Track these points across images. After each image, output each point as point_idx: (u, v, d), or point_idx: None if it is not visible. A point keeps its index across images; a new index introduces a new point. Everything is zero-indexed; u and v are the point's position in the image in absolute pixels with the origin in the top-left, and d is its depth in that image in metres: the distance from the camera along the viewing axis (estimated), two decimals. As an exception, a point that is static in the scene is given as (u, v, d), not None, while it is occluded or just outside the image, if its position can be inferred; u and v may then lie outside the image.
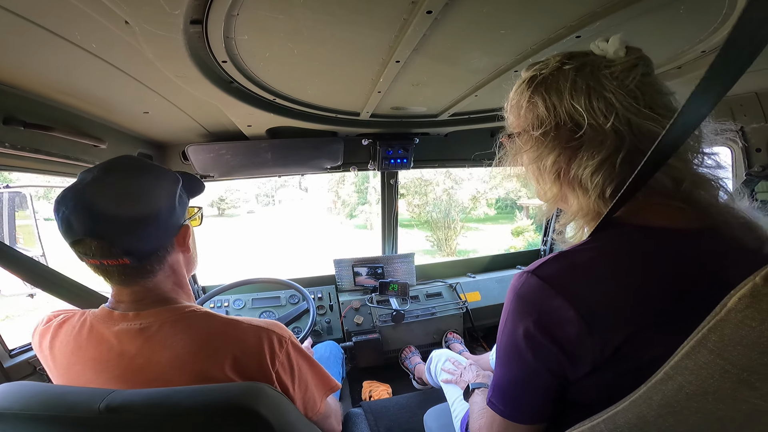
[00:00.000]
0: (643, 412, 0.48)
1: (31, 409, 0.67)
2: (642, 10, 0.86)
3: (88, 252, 0.73)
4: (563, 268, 0.60)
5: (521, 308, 0.61)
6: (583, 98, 0.62)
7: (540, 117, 0.67)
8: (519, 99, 0.72)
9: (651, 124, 0.60)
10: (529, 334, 0.59)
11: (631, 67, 0.63)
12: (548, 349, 0.58)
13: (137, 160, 0.83)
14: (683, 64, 1.24)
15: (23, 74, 1.03)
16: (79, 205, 0.71)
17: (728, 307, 0.37)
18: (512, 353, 0.64)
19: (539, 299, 0.58)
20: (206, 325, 0.78)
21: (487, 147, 0.84)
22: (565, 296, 0.56)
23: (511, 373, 0.65)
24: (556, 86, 0.65)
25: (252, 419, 0.63)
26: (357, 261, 2.55)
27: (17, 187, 1.65)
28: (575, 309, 0.55)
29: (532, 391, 0.64)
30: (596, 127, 0.62)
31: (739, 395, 0.40)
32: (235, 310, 2.34)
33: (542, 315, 0.58)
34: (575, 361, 0.57)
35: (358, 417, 1.39)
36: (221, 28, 0.85)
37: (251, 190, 36.68)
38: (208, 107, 1.44)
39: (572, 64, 0.66)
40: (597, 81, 0.63)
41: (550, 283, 0.58)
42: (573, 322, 0.55)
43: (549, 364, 0.60)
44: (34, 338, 0.84)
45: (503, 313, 0.66)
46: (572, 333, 0.55)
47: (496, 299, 2.64)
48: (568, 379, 0.60)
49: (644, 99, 0.61)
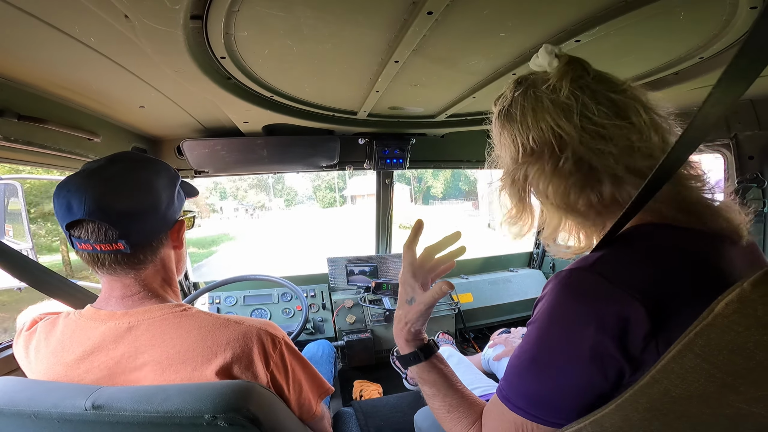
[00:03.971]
0: (629, 416, 0.49)
1: (16, 405, 0.66)
2: (642, 16, 0.87)
3: (83, 235, 0.73)
4: (623, 263, 0.57)
5: (580, 309, 0.56)
6: (529, 119, 0.68)
7: (507, 146, 0.73)
8: (496, 134, 0.77)
9: (585, 135, 0.64)
10: (587, 336, 0.54)
11: (561, 77, 0.67)
12: (610, 355, 0.53)
13: (141, 155, 0.87)
14: (680, 71, 1.26)
15: (19, 66, 1.02)
16: (81, 188, 0.73)
17: (715, 312, 0.38)
18: (561, 359, 0.57)
19: (602, 298, 0.54)
20: (197, 324, 0.76)
21: (483, 149, 0.87)
22: (634, 293, 0.52)
23: (556, 381, 0.58)
24: (512, 116, 0.71)
25: (242, 418, 0.63)
26: (351, 260, 2.55)
27: (8, 178, 1.63)
28: (644, 306, 0.51)
29: (576, 398, 0.57)
30: (542, 142, 0.67)
31: (724, 399, 0.40)
32: (227, 307, 2.33)
33: (607, 316, 0.53)
34: (638, 366, 0.53)
35: (348, 416, 1.39)
36: (221, 24, 0.85)
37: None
38: (204, 103, 1.44)
39: (520, 89, 0.71)
40: (538, 101, 0.68)
41: (612, 280, 0.54)
42: (640, 323, 0.51)
43: (607, 372, 0.54)
44: (18, 344, 0.83)
45: (546, 314, 0.59)
46: (639, 335, 0.51)
47: (488, 301, 2.65)
48: (623, 381, 0.55)
49: (578, 107, 0.64)
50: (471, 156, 2.44)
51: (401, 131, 2.11)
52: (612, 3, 0.85)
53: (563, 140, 0.65)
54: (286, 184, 53.80)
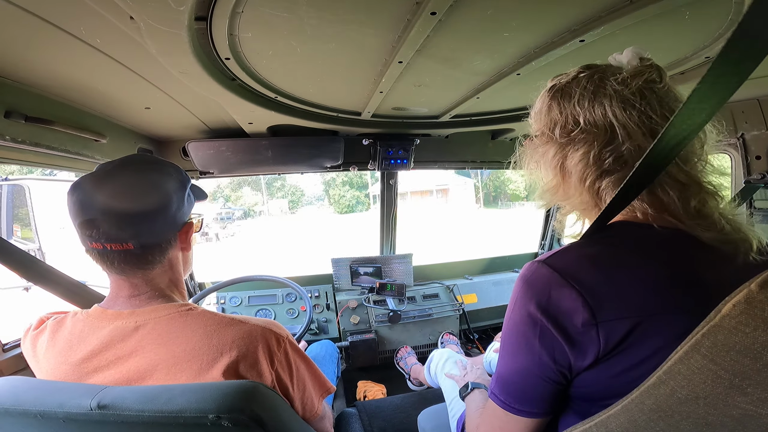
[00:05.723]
0: (635, 417, 0.48)
1: (22, 404, 0.66)
2: (647, 15, 0.87)
3: (95, 234, 0.75)
4: (572, 258, 0.62)
5: (529, 295, 0.62)
6: (587, 101, 0.68)
7: (553, 119, 0.73)
8: (540, 105, 0.77)
9: (641, 127, 0.65)
10: (536, 320, 0.60)
11: (636, 75, 0.68)
12: (554, 337, 0.59)
13: (154, 158, 0.89)
14: (686, 70, 1.25)
15: (26, 68, 1.03)
16: (95, 188, 0.75)
17: (722, 313, 0.38)
18: (518, 341, 0.65)
19: (548, 287, 0.60)
20: (203, 323, 0.77)
21: (487, 149, 0.88)
22: (574, 285, 0.58)
23: (516, 363, 0.66)
24: (569, 92, 0.71)
25: (246, 418, 0.63)
26: (355, 260, 2.55)
27: (16, 179, 1.65)
28: (582, 297, 0.57)
29: (535, 382, 0.64)
30: (592, 125, 0.68)
31: (731, 400, 0.40)
32: (232, 308, 2.34)
33: (550, 302, 0.59)
34: (580, 351, 0.58)
35: (352, 417, 1.39)
36: (225, 25, 0.86)
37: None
38: (209, 104, 1.45)
39: (586, 72, 0.72)
40: (602, 86, 0.68)
41: (560, 271, 0.60)
42: (579, 310, 0.56)
43: (554, 353, 0.60)
44: (26, 343, 0.84)
45: (510, 303, 0.67)
46: (578, 322, 0.57)
47: (492, 302, 2.64)
48: (572, 370, 0.61)
49: (641, 103, 0.65)
50: (476, 156, 2.43)
51: (405, 132, 2.11)
52: (617, 3, 0.85)
53: (614, 131, 0.66)
54: (288, 180, 40.17)
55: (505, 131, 2.25)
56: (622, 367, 0.56)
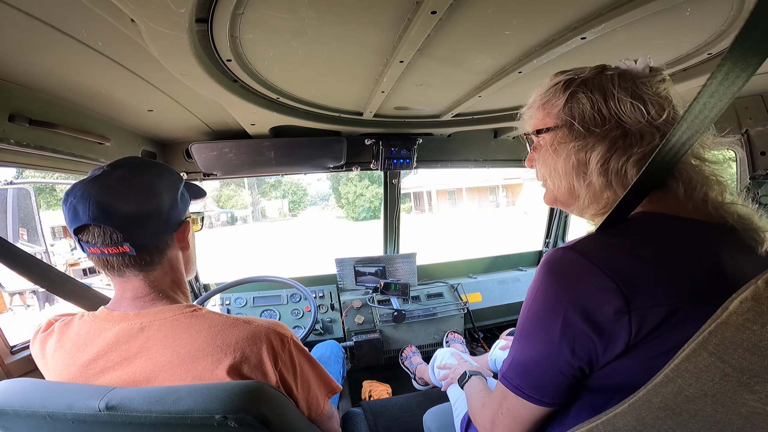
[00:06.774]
0: (642, 415, 0.48)
1: (31, 406, 0.67)
2: (648, 12, 0.86)
3: (91, 239, 0.76)
4: (602, 245, 0.61)
5: (555, 282, 0.61)
6: (629, 100, 0.69)
7: (584, 112, 0.72)
8: (552, 98, 0.76)
9: (649, 129, 0.68)
10: (560, 309, 0.59)
11: (661, 81, 0.72)
12: (577, 327, 0.58)
13: (143, 159, 0.88)
14: (689, 67, 1.24)
15: (30, 72, 1.04)
16: (86, 194, 0.75)
17: (730, 310, 0.38)
18: (537, 329, 0.63)
19: (576, 274, 0.58)
20: (207, 324, 0.77)
21: (490, 148, 0.87)
22: (606, 272, 0.56)
23: (533, 351, 0.65)
24: (600, 86, 0.71)
25: (252, 418, 0.63)
26: (359, 260, 2.55)
27: (21, 183, 1.66)
28: (616, 285, 0.55)
29: (549, 372, 0.63)
30: (640, 125, 0.68)
31: (739, 398, 0.40)
32: (237, 309, 2.35)
33: (578, 290, 0.58)
34: (609, 341, 0.57)
35: (357, 416, 1.39)
36: (226, 26, 0.86)
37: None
38: (211, 105, 1.45)
39: (613, 71, 0.72)
40: (637, 87, 0.70)
41: (590, 258, 0.58)
42: (612, 298, 0.55)
43: (574, 345, 0.59)
44: (35, 345, 0.85)
45: (531, 289, 0.65)
46: (610, 310, 0.55)
47: (497, 300, 2.63)
48: (593, 364, 0.60)
49: (672, 105, 0.70)
50: (478, 155, 2.42)
51: (407, 131, 2.11)
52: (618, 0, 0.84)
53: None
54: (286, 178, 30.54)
55: (508, 129, 2.24)
56: (652, 353, 0.56)
